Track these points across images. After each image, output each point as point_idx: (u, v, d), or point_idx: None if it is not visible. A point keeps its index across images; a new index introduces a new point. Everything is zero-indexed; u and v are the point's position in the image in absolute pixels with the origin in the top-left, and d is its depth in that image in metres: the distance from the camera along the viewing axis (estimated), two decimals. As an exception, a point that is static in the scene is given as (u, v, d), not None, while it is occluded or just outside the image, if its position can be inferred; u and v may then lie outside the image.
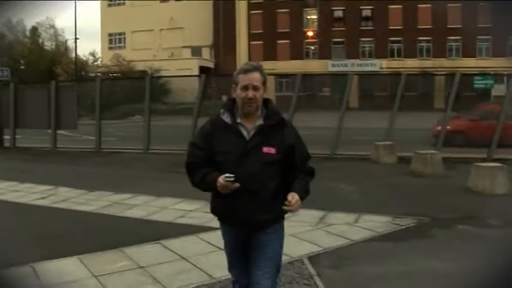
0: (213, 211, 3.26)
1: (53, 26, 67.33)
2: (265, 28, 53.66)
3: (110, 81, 27.33)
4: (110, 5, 59.94)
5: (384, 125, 14.08)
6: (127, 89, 23.38)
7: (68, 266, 5.07)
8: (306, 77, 33.58)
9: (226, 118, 3.11)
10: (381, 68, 50.41)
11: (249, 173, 2.99)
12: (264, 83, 3.11)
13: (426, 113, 17.47)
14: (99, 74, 47.75)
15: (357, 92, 41.17)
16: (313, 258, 5.24)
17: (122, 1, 59.42)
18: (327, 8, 51.39)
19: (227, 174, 2.91)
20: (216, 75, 47.75)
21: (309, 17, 53.52)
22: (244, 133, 3.08)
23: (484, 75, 25.73)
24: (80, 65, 50.91)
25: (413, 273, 4.91)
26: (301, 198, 3.07)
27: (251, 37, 54.92)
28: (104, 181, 10.02)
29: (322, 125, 15.59)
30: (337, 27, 52.15)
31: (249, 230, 3.17)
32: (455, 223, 6.78)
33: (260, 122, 3.10)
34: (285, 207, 2.99)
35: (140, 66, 45.53)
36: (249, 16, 54.53)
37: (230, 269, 3.39)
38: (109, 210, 7.57)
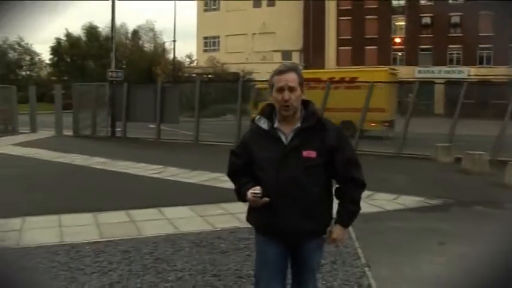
0: (250, 220, 3.15)
1: (152, 29, 72.34)
2: (354, 34, 55.20)
3: (206, 82, 30.20)
4: (205, 10, 63.70)
5: (464, 132, 15.62)
6: (220, 90, 26.04)
7: (183, 212, 7.50)
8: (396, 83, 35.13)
9: (263, 124, 3.02)
10: (469, 75, 50.28)
11: (289, 179, 2.88)
12: (301, 84, 2.98)
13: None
14: (194, 75, 51.46)
15: (443, 99, 41.77)
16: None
17: (217, 6, 62.97)
18: (415, 14, 52.13)
19: (253, 190, 2.89)
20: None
21: (397, 23, 54.48)
22: (283, 138, 2.96)
23: None
24: (177, 66, 54.88)
25: (420, 229, 6.89)
26: (346, 225, 3.05)
27: (339, 42, 56.62)
28: (202, 164, 12.47)
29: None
30: (424, 33, 52.73)
31: (292, 241, 3.03)
32: (474, 205, 8.57)
33: (298, 124, 2.97)
34: (326, 238, 3.02)
35: (233, 69, 48.37)
36: (338, 22, 56.26)
37: (261, 286, 3.10)
38: (208, 183, 10.00)
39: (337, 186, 3.07)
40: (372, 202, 8.44)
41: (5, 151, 15.87)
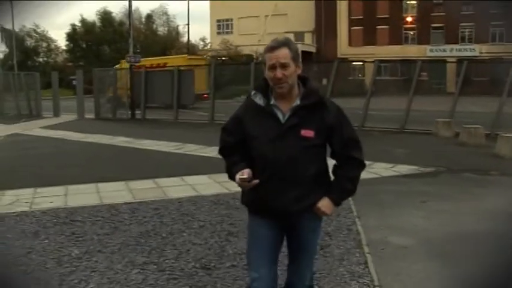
0: (245, 202, 3.01)
1: (165, 13, 73.41)
2: (365, 14, 55.55)
3: (220, 65, 31.15)
4: (218, -7, 64.35)
5: (472, 109, 16.43)
6: (234, 72, 26.99)
7: (202, 179, 8.59)
8: (405, 62, 35.76)
9: (259, 100, 2.85)
10: (481, 53, 50.58)
11: (286, 159, 2.75)
12: (295, 59, 2.80)
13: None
14: (208, 57, 52.42)
15: (454, 78, 42.29)
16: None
17: (229, -11, 63.60)
18: (427, -7, 52.42)
19: (240, 175, 2.77)
20: (317, 61, 50.81)
21: (408, 2, 54.70)
22: (280, 115, 2.80)
23: None
24: (191, 49, 55.85)
25: (408, 191, 7.93)
26: (337, 202, 2.93)
27: (351, 23, 57.01)
28: (217, 141, 13.49)
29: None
30: (436, 12, 52.97)
31: (286, 222, 2.93)
32: (463, 172, 9.54)
33: (297, 102, 2.81)
34: (314, 211, 2.89)
35: (246, 51, 49.18)
36: (350, 2, 56.57)
37: (254, 268, 2.97)
38: (223, 156, 11.08)
39: (335, 164, 2.95)
40: (369, 170, 9.45)
41: (34, 133, 17.13)
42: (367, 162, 8.68)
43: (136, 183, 8.30)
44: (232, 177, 2.91)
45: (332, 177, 2.96)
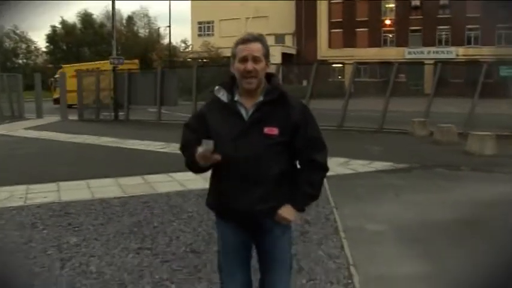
0: (209, 204, 2.91)
1: (146, 15, 73.54)
2: (345, 17, 56.44)
3: (202, 67, 31.54)
4: (199, -5, 64.74)
5: (448, 110, 17.11)
6: (216, 74, 27.43)
7: (189, 175, 8.97)
8: (383, 64, 36.52)
9: (222, 96, 2.77)
10: (457, 55, 51.66)
11: (248, 157, 2.65)
12: (266, 55, 2.74)
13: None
14: (189, 59, 52.71)
15: (431, 79, 43.20)
16: (328, 177, 8.84)
17: (210, -9, 63.99)
18: (405, -4, 53.45)
19: (205, 140, 2.60)
20: (297, 63, 51.50)
21: (387, 5, 55.73)
22: (243, 112, 2.72)
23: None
24: (172, 51, 56.09)
25: (383, 184, 8.43)
26: (299, 208, 2.81)
27: (331, 25, 57.85)
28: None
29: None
30: (414, 15, 54.01)
31: (249, 224, 2.79)
32: (435, 167, 10.09)
33: (260, 98, 2.73)
34: (275, 219, 2.75)
35: (227, 53, 49.23)
36: (330, 5, 57.46)
37: (225, 278, 2.92)
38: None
39: (298, 167, 2.83)
40: (347, 166, 9.97)
41: (20, 134, 17.34)
42: (345, 160, 9.23)
43: (125, 180, 8.68)
44: (193, 160, 2.68)
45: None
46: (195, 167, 2.74)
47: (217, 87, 2.81)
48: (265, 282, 2.90)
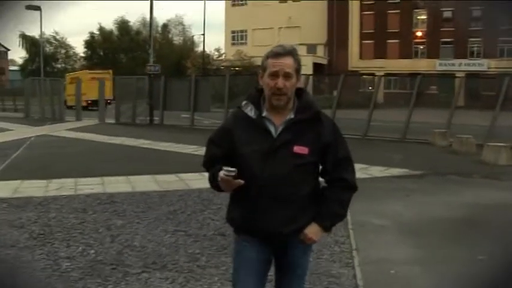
0: (231, 221, 2.79)
1: (181, 23, 75.12)
2: (376, 28, 56.92)
3: (234, 75, 32.67)
4: (233, 5, 66.03)
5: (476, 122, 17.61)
6: (248, 82, 28.43)
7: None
8: (413, 75, 37.03)
9: (249, 111, 2.65)
10: (489, 67, 51.58)
11: (276, 177, 2.56)
12: (298, 70, 2.63)
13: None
14: (222, 67, 53.94)
15: (463, 91, 43.32)
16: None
17: (244, 1, 65.26)
18: (436, 8, 53.65)
19: (227, 168, 2.51)
20: (328, 73, 52.25)
21: (418, 17, 56.06)
22: (272, 129, 2.61)
23: None
24: (205, 59, 57.40)
25: (396, 188, 9.20)
26: (327, 228, 2.73)
27: (363, 36, 58.42)
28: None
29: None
30: (446, 27, 54.20)
31: (276, 245, 2.73)
32: (448, 174, 10.79)
33: (291, 116, 2.63)
34: (300, 238, 2.67)
35: (259, 62, 50.19)
36: (361, 16, 58.05)
37: None
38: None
39: (324, 186, 2.76)
40: (365, 172, 10.74)
41: (62, 135, 18.59)
42: (364, 166, 10.12)
43: (161, 177, 9.66)
44: (214, 180, 2.65)
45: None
46: (218, 187, 2.67)
47: (244, 102, 2.69)
48: None
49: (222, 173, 2.53)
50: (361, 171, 10.79)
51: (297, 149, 2.58)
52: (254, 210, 2.62)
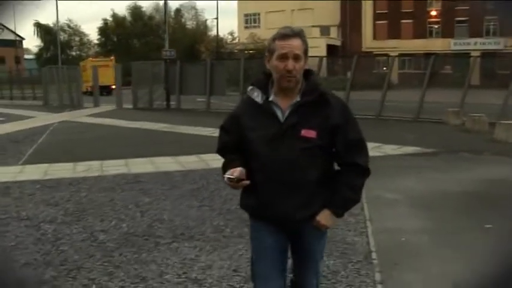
0: (244, 206, 2.79)
1: (194, 7, 75.18)
2: (390, 8, 56.63)
3: (248, 59, 32.90)
4: (245, -13, 66.03)
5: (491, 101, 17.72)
6: (262, 66, 28.72)
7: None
8: (428, 55, 36.99)
9: (256, 97, 2.63)
10: (506, 46, 51.14)
11: (284, 161, 2.53)
12: (306, 52, 2.57)
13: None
14: (236, 51, 54.18)
15: (478, 70, 43.16)
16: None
17: (257, -16, 65.17)
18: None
19: (227, 175, 2.52)
20: (341, 55, 52.21)
21: (433, -4, 55.75)
22: (278, 113, 2.58)
23: None
24: (219, 43, 57.64)
25: (408, 165, 9.53)
26: (339, 214, 2.70)
27: (376, 17, 58.19)
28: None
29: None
30: (460, 6, 53.75)
31: (289, 230, 2.72)
32: (460, 152, 11.07)
33: (297, 98, 2.58)
34: (313, 224, 2.65)
35: (272, 45, 50.55)
36: (375, -4, 57.84)
37: (261, 282, 2.80)
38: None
39: (337, 169, 2.72)
40: (378, 150, 11.06)
41: (83, 120, 19.12)
42: (377, 144, 10.49)
43: (183, 158, 10.09)
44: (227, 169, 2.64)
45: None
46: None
47: (250, 88, 2.68)
48: (298, 277, 2.90)
49: (225, 179, 2.56)
50: (375, 149, 11.13)
51: (305, 132, 2.54)
52: (265, 196, 2.61)
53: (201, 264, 4.52)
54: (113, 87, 31.66)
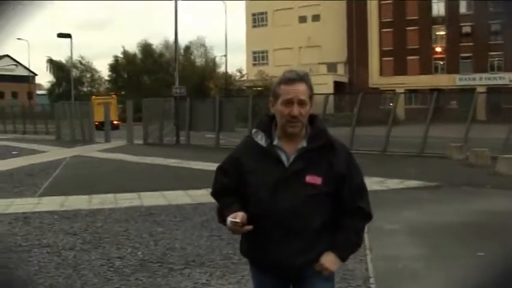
0: (244, 252, 2.76)
1: (203, 44, 76.58)
2: (396, 45, 57.69)
3: (257, 96, 33.68)
4: (254, 26, 67.53)
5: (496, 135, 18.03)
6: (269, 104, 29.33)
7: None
8: (434, 91, 37.59)
9: (260, 140, 2.55)
10: (510, 81, 51.67)
11: (287, 209, 2.46)
12: (311, 96, 2.53)
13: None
14: (244, 87, 55.06)
15: (484, 105, 43.60)
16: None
17: (265, 22, 66.65)
18: (455, 24, 54.20)
19: (232, 218, 2.47)
20: (349, 92, 52.93)
21: (437, 33, 56.70)
22: (283, 158, 2.51)
23: None
24: (228, 80, 58.61)
25: (410, 198, 9.89)
26: (343, 257, 2.61)
27: (382, 53, 59.23)
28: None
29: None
30: (465, 42, 54.66)
31: (292, 279, 2.64)
32: (462, 186, 11.43)
33: (303, 144, 2.52)
34: (316, 269, 2.54)
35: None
36: (381, 34, 58.93)
37: None
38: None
39: (339, 213, 2.62)
40: (381, 184, 11.43)
41: (94, 155, 19.64)
42: (381, 179, 10.85)
43: (193, 192, 10.49)
44: (223, 219, 2.62)
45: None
46: (225, 222, 2.58)
47: (255, 130, 2.60)
48: None
49: (228, 222, 2.51)
50: (378, 184, 11.52)
51: (310, 178, 2.49)
52: (265, 243, 2.54)
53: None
54: (115, 122, 36.68)
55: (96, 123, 32.73)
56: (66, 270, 5.47)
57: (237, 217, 2.48)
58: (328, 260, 2.55)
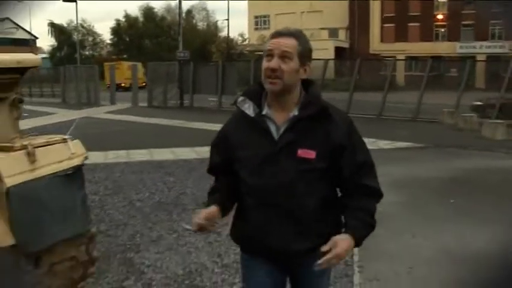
0: (234, 238, 2.44)
1: (205, 8, 76.45)
2: (397, 11, 57.69)
3: (258, 60, 34.26)
4: (256, -10, 67.34)
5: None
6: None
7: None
8: (435, 58, 38.14)
9: (247, 109, 2.22)
10: (510, 49, 52.03)
11: (278, 186, 2.15)
12: (302, 55, 2.15)
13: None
14: (246, 52, 55.54)
15: (483, 74, 44.18)
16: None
17: (267, -14, 66.49)
18: (457, -9, 54.32)
19: (185, 225, 2.05)
20: (349, 57, 53.41)
21: (439, 0, 56.81)
22: (273, 129, 2.18)
23: None
24: (229, 44, 59.00)
25: (397, 157, 10.83)
26: (358, 240, 2.16)
27: (384, 20, 59.28)
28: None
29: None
30: (466, 10, 54.80)
31: (284, 264, 2.32)
32: (447, 147, 12.34)
33: (295, 112, 2.17)
34: (317, 264, 2.04)
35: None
36: (382, 0, 58.97)
37: None
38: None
39: (342, 195, 2.31)
40: (372, 144, 12.30)
41: (102, 116, 20.53)
42: (372, 140, 11.82)
43: (198, 148, 11.39)
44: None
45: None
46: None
47: (241, 98, 2.27)
48: None
49: (194, 223, 2.30)
50: (369, 144, 12.22)
51: (302, 152, 2.15)
52: (256, 225, 2.24)
53: (222, 222, 5.83)
54: (122, 84, 39.61)
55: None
56: (94, 210, 6.39)
57: (200, 218, 2.26)
58: (343, 246, 2.07)
